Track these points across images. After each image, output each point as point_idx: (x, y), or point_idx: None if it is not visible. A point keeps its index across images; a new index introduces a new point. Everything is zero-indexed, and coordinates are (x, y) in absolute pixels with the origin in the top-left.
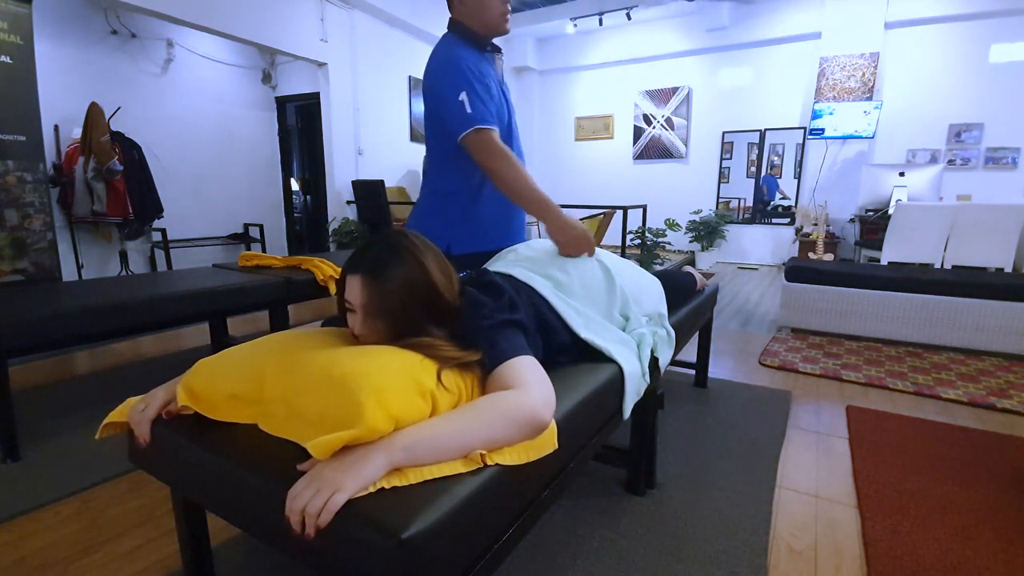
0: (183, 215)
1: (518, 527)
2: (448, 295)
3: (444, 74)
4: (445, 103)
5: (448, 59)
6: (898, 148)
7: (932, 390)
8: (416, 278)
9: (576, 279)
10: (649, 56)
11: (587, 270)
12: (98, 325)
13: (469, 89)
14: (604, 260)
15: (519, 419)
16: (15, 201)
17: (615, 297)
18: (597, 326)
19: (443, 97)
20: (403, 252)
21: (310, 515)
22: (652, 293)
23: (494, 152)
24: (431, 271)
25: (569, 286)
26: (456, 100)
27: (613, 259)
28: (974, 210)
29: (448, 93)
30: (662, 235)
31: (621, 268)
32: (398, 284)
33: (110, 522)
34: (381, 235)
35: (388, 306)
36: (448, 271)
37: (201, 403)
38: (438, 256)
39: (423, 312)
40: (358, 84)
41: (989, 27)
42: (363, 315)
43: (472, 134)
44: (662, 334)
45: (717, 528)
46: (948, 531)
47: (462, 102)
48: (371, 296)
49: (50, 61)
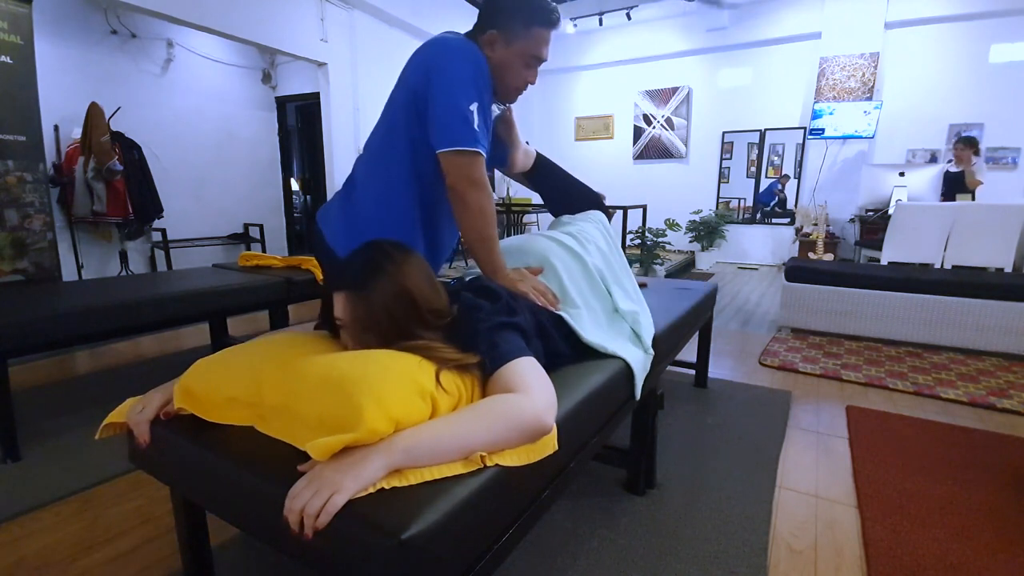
0: (183, 215)
1: (518, 527)
2: (434, 300)
3: (461, 72)
4: (445, 104)
5: (474, 60)
6: (898, 148)
7: (932, 390)
8: (399, 288)
9: (559, 263)
10: (649, 56)
11: (562, 255)
12: (98, 325)
13: (481, 105)
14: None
15: (521, 423)
16: (15, 201)
17: (593, 277)
18: (594, 327)
19: (448, 95)
20: (382, 264)
21: (309, 516)
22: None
23: (478, 182)
24: (412, 279)
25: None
26: (464, 107)
27: (558, 247)
28: (974, 210)
29: (457, 94)
30: (662, 235)
31: (590, 247)
32: (382, 297)
33: (110, 522)
34: (360, 249)
35: (376, 319)
36: (431, 277)
37: (198, 404)
38: (419, 263)
39: (412, 320)
40: (358, 84)
41: (989, 27)
42: (353, 330)
43: (465, 154)
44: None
45: (717, 528)
46: (948, 531)
47: (471, 113)
48: (357, 311)
49: (50, 61)
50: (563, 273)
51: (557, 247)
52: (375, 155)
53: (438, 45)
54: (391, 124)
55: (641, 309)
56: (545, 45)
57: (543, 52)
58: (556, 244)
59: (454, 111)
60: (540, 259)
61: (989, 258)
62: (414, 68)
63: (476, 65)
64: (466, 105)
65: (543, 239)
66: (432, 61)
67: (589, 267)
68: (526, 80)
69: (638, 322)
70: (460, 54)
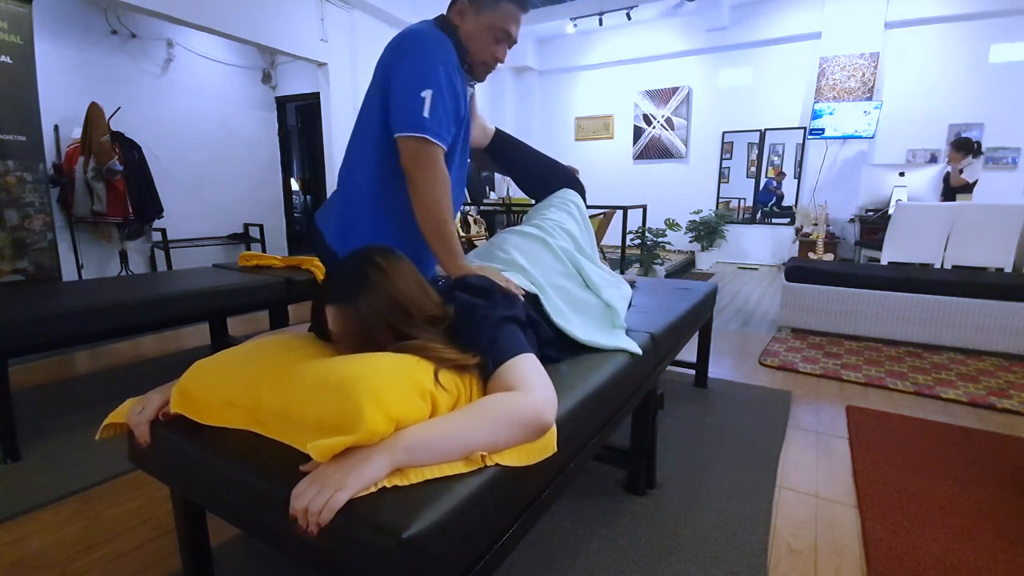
0: (183, 215)
1: (518, 527)
2: (425, 304)
3: (414, 60)
4: (399, 93)
5: (425, 46)
6: (898, 148)
7: (932, 390)
8: (387, 297)
9: (518, 254)
10: (649, 56)
11: (523, 245)
12: (98, 325)
13: (436, 91)
14: (529, 231)
15: (522, 420)
16: (15, 201)
17: (560, 257)
18: (582, 322)
19: (401, 85)
20: (369, 273)
21: (312, 513)
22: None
23: (425, 163)
24: (400, 285)
25: (518, 263)
26: (415, 95)
27: (541, 229)
28: (974, 210)
29: (408, 83)
30: (662, 235)
31: (549, 229)
32: (371, 306)
33: (110, 522)
34: (346, 259)
35: (368, 327)
36: (419, 280)
37: (195, 408)
38: (406, 268)
39: (405, 325)
40: (358, 84)
41: (989, 27)
42: (347, 341)
43: (414, 139)
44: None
45: (717, 528)
46: (948, 531)
47: (422, 100)
48: (348, 322)
49: (50, 61)
50: (523, 261)
51: (517, 238)
52: (353, 151)
53: (399, 37)
54: (366, 119)
55: (615, 280)
56: (515, 23)
57: (512, 29)
58: (517, 236)
59: (406, 97)
60: (501, 255)
61: (989, 258)
62: (380, 63)
63: (437, 49)
64: (416, 90)
65: (503, 236)
66: (392, 53)
67: (553, 248)
68: (494, 56)
69: (611, 295)
70: (418, 41)
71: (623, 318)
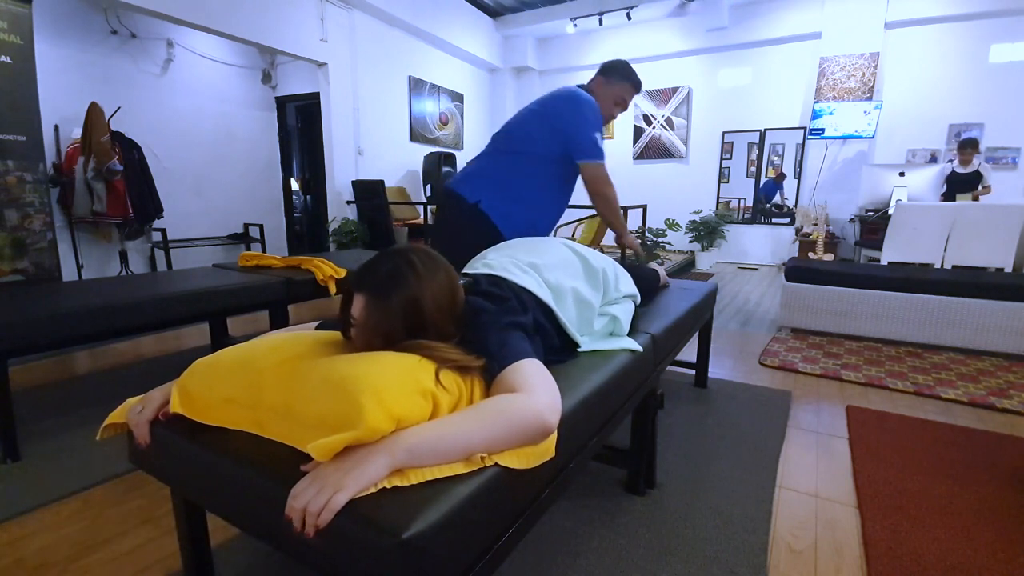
0: (183, 215)
1: (518, 527)
2: (446, 321)
3: (590, 114)
4: (582, 133)
5: (591, 104)
6: (898, 148)
7: (932, 390)
8: (414, 302)
9: (551, 257)
10: (649, 56)
11: (555, 250)
12: (98, 325)
13: (600, 134)
14: (575, 248)
15: (524, 423)
16: (15, 201)
17: (597, 277)
18: (590, 339)
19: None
20: (408, 274)
21: (311, 514)
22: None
23: (608, 181)
24: (430, 295)
25: (550, 266)
26: (594, 135)
27: (586, 249)
28: (974, 210)
29: (590, 128)
30: (662, 235)
31: (594, 253)
32: (400, 307)
33: (110, 522)
34: (389, 253)
35: (388, 326)
36: (454, 289)
37: (195, 407)
38: (446, 274)
39: (423, 331)
40: (358, 84)
41: (989, 27)
42: (364, 332)
43: (596, 164)
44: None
45: (717, 528)
46: (948, 531)
47: (596, 138)
48: (372, 315)
49: (50, 61)
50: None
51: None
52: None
53: (571, 94)
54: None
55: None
56: (629, 96)
57: (626, 99)
58: (563, 244)
59: (588, 137)
60: (559, 254)
61: (989, 258)
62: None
63: (595, 108)
64: (594, 132)
65: (550, 240)
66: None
67: (592, 265)
68: (611, 113)
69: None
70: (587, 101)
71: (626, 329)
